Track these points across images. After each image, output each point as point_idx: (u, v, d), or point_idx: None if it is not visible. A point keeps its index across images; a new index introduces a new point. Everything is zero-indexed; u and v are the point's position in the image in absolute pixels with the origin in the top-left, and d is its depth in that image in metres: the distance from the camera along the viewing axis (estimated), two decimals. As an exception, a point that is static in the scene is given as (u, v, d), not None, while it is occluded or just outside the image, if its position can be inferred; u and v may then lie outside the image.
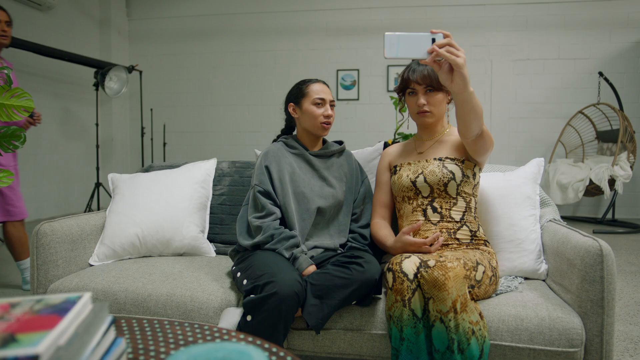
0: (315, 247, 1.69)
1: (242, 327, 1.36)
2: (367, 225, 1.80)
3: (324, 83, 1.81)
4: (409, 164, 1.70)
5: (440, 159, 1.63)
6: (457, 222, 1.58)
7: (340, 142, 1.92)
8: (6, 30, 2.71)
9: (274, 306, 1.32)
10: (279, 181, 1.70)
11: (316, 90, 1.76)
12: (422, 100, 1.65)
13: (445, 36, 1.24)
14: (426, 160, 1.66)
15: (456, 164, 1.60)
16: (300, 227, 1.68)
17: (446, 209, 1.58)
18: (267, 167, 1.72)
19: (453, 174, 1.58)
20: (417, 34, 1.24)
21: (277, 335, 1.35)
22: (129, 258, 1.91)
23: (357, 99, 6.25)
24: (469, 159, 1.62)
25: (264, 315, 1.33)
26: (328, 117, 1.75)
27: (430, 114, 1.67)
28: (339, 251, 1.71)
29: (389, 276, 1.37)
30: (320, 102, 1.75)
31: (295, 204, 1.70)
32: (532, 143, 5.91)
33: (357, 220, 1.82)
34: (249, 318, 1.35)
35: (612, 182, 4.80)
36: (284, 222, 1.69)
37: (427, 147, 1.72)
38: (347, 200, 1.81)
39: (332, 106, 1.78)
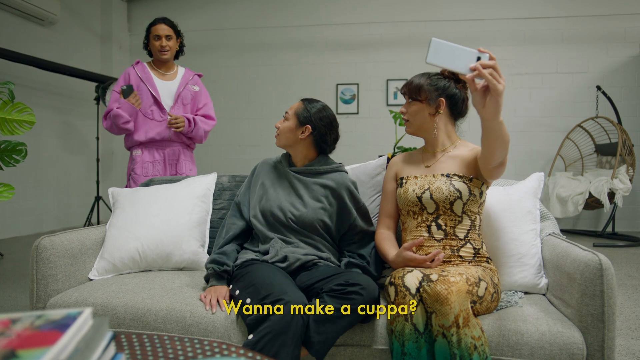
0: (307, 254, 1.69)
1: (249, 345, 1.33)
2: (365, 245, 1.78)
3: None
4: (416, 177, 1.67)
5: (447, 175, 1.60)
6: (461, 239, 1.56)
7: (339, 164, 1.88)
8: (164, 46, 2.82)
9: (285, 322, 1.30)
10: (254, 193, 1.84)
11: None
12: (403, 108, 1.71)
13: (491, 58, 1.22)
14: (433, 176, 1.63)
15: (464, 182, 1.57)
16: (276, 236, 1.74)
17: (451, 226, 1.56)
18: (250, 178, 1.91)
19: (460, 193, 1.55)
20: (464, 48, 1.22)
21: (286, 351, 1.31)
22: (129, 272, 1.91)
23: (357, 113, 6.29)
24: (478, 177, 1.60)
25: (275, 333, 1.30)
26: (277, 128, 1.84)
27: (408, 123, 1.71)
28: (331, 262, 1.72)
29: (391, 290, 1.36)
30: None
31: (263, 218, 1.77)
32: (532, 156, 5.93)
33: (354, 244, 1.80)
34: (251, 337, 1.32)
35: (611, 195, 4.81)
36: (258, 231, 1.77)
37: (434, 161, 1.69)
38: (323, 221, 1.74)
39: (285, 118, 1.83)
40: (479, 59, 1.21)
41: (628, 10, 5.69)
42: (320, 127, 1.78)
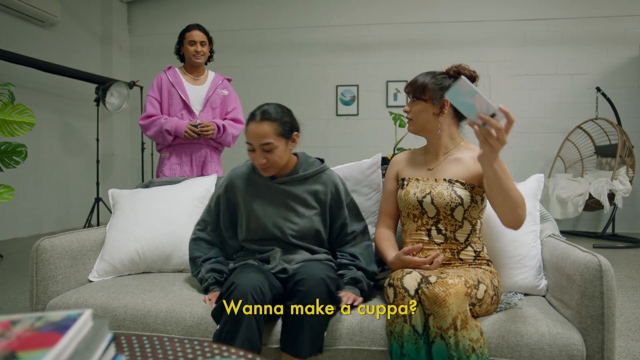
0: (304, 259, 1.66)
1: (217, 338, 1.37)
2: (357, 244, 1.72)
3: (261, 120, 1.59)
4: (417, 180, 1.65)
5: (450, 181, 1.58)
6: (461, 243, 1.56)
7: (321, 160, 1.78)
8: (199, 51, 2.94)
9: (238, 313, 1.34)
10: (236, 216, 1.73)
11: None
12: (406, 107, 1.68)
13: (509, 121, 1.21)
14: (435, 180, 1.61)
15: (465, 189, 1.56)
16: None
17: (451, 231, 1.56)
18: (218, 199, 1.76)
19: (461, 200, 1.54)
20: (485, 98, 1.20)
21: (249, 332, 1.33)
22: (129, 274, 1.91)
23: (357, 115, 6.29)
24: (480, 186, 1.58)
25: (232, 321, 1.34)
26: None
27: (411, 122, 1.67)
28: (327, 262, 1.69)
29: (390, 291, 1.36)
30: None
31: (259, 238, 1.69)
32: (532, 158, 5.93)
33: (346, 244, 1.73)
34: (218, 327, 1.38)
35: (611, 196, 4.81)
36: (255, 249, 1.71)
37: (437, 164, 1.66)
38: (321, 226, 1.70)
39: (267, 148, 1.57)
40: (493, 115, 1.20)
41: (628, 11, 5.70)
42: (298, 125, 1.68)
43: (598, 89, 5.52)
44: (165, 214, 1.98)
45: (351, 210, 1.74)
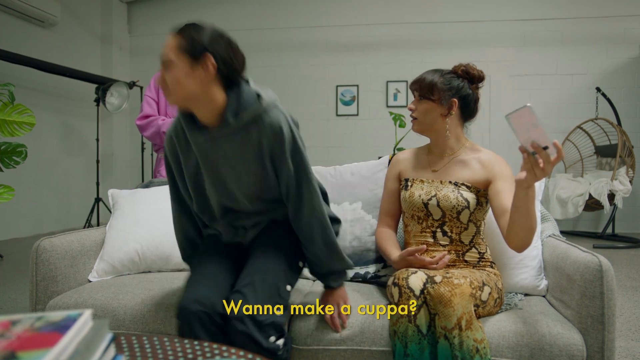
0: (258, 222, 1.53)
1: None
2: (312, 242, 1.43)
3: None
4: (422, 181, 1.62)
5: (456, 184, 1.56)
6: (466, 245, 1.56)
7: (258, 96, 1.34)
8: None
9: (185, 329, 1.29)
10: (183, 177, 1.51)
11: None
12: (411, 105, 1.62)
13: (558, 157, 1.18)
14: (440, 182, 1.59)
15: (471, 192, 1.55)
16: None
17: (456, 233, 1.55)
18: (169, 167, 1.52)
19: (468, 203, 1.53)
20: (543, 130, 1.20)
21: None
22: (128, 274, 1.91)
23: (357, 115, 6.29)
24: (486, 189, 1.57)
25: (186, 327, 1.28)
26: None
27: (416, 121, 1.62)
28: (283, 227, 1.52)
29: (395, 291, 1.35)
30: None
31: (202, 208, 1.55)
32: (532, 158, 5.93)
33: (301, 232, 1.44)
34: None
35: (611, 196, 4.81)
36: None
37: (442, 166, 1.63)
38: (270, 185, 1.43)
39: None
40: (545, 148, 1.20)
41: (628, 11, 5.70)
42: (221, 51, 1.27)
43: (598, 89, 5.52)
44: (165, 214, 1.97)
45: (299, 166, 1.37)
